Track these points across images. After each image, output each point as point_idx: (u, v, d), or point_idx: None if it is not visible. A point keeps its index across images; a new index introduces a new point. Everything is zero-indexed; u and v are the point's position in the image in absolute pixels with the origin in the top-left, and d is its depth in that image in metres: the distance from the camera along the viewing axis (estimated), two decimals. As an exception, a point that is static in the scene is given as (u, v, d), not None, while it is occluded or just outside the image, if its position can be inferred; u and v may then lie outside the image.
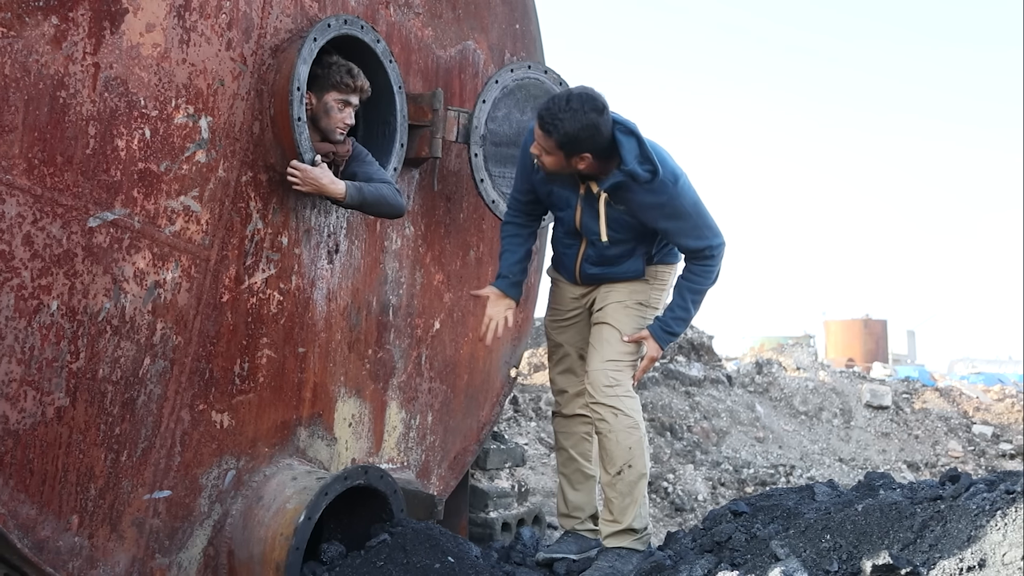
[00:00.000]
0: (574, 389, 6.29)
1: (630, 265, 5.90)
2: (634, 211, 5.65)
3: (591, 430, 6.23)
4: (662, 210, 5.61)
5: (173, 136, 4.97)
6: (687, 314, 5.80)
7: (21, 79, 4.32)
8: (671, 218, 5.63)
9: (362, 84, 5.65)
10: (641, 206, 5.63)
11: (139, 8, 4.77)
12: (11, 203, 4.30)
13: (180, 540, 5.19)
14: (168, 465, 5.08)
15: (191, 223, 5.08)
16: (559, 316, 6.31)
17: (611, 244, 5.80)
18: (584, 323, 6.19)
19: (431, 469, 6.80)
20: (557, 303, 6.32)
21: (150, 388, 4.95)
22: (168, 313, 5.00)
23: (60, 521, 4.61)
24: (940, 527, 4.78)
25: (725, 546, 5.62)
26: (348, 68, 5.61)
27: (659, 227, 5.73)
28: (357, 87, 5.62)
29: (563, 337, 6.31)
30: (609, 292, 5.93)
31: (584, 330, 6.20)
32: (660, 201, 5.59)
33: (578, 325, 6.24)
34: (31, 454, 4.46)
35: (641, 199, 5.60)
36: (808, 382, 16.40)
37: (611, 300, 5.91)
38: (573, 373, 6.31)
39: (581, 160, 5.47)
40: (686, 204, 5.63)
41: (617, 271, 5.92)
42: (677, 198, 5.61)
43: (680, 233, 5.71)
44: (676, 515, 11.69)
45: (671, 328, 5.80)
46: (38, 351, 4.46)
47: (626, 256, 5.89)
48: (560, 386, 6.38)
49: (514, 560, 6.47)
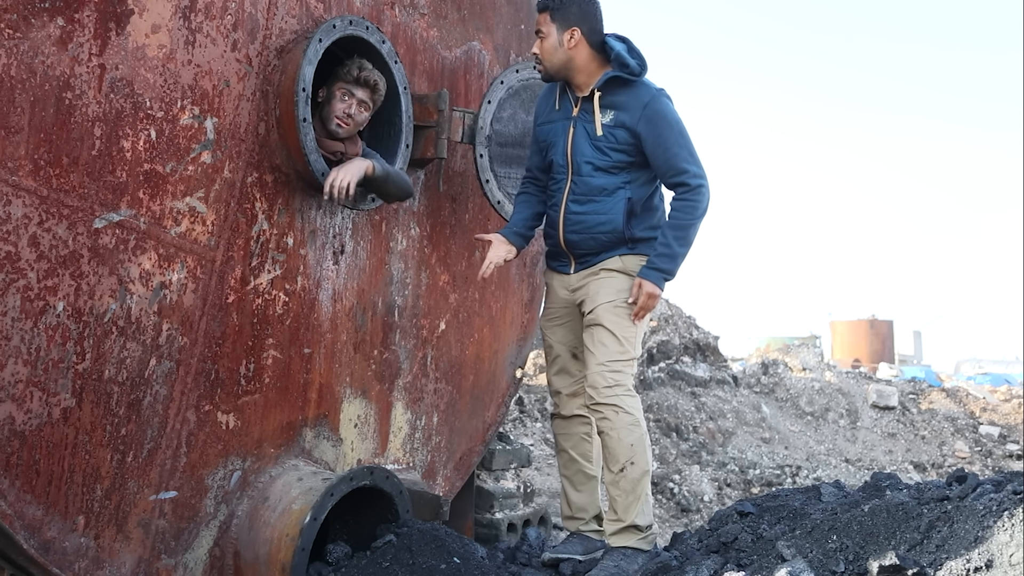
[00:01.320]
0: (569, 390, 6.34)
1: (612, 212, 5.93)
2: (621, 117, 5.88)
3: (590, 430, 6.30)
4: (645, 111, 5.85)
5: (179, 137, 4.97)
6: (669, 250, 5.80)
7: (27, 80, 4.32)
8: (653, 122, 5.83)
9: (367, 76, 5.66)
10: (627, 106, 5.89)
11: (144, 9, 4.76)
12: (17, 204, 4.30)
13: (186, 541, 5.19)
14: (174, 466, 5.08)
15: (197, 224, 5.08)
16: (550, 315, 6.37)
17: (596, 170, 5.95)
18: (574, 322, 6.23)
19: (437, 470, 6.80)
20: (549, 302, 6.40)
21: (156, 389, 4.95)
22: (174, 314, 5.00)
23: (66, 522, 4.61)
24: (947, 528, 4.78)
25: (731, 546, 5.63)
26: (359, 63, 5.66)
27: (641, 133, 5.85)
28: (362, 79, 5.64)
29: (555, 337, 6.35)
30: (598, 292, 5.94)
31: (574, 329, 6.25)
32: (644, 100, 5.86)
33: (569, 324, 6.28)
34: (37, 455, 4.46)
35: (627, 99, 5.89)
36: (814, 383, 16.42)
37: (601, 301, 5.91)
38: (567, 373, 6.35)
39: (572, 37, 5.87)
40: (668, 113, 5.89)
41: (600, 219, 5.94)
42: (660, 101, 5.89)
43: (660, 147, 5.84)
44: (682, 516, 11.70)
45: (656, 264, 5.81)
46: (44, 352, 4.46)
47: (608, 192, 5.94)
48: (556, 387, 6.41)
49: (520, 561, 6.47)
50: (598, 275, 5.99)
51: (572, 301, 6.17)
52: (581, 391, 6.22)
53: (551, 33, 5.90)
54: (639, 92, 5.91)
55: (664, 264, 5.80)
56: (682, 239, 5.82)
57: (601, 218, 5.93)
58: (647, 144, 5.85)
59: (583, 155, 5.96)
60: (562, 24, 5.88)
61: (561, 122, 6.11)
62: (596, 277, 5.99)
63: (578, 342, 6.21)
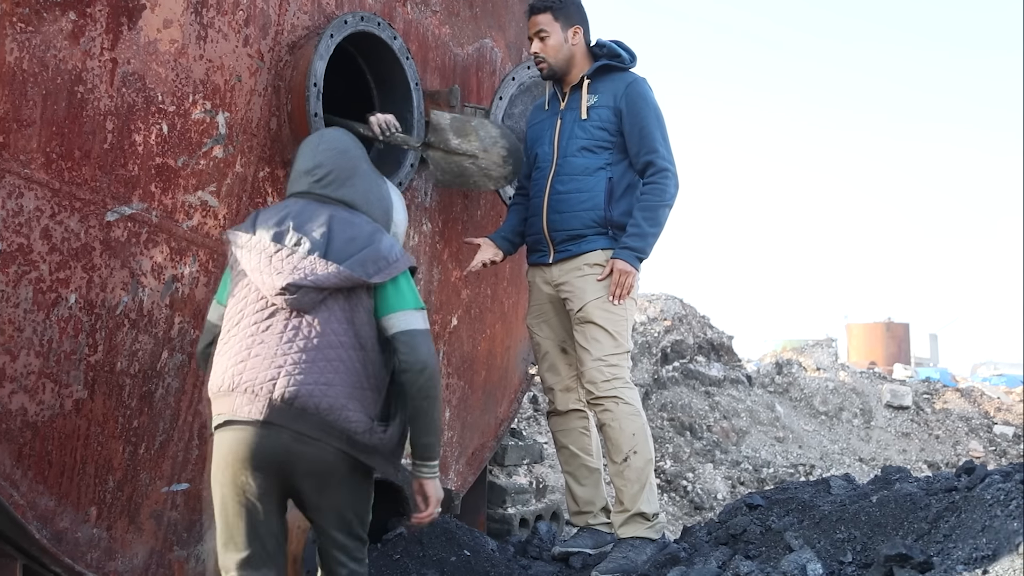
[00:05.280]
0: (561, 385, 6.42)
1: (594, 190, 6.06)
2: (605, 98, 6.15)
3: (588, 424, 6.43)
4: (627, 90, 6.13)
5: (191, 131, 5.00)
6: (639, 229, 5.91)
7: (39, 74, 4.34)
8: (633, 101, 6.10)
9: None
10: (611, 88, 6.16)
11: (156, 4, 4.79)
12: (29, 197, 4.33)
13: (198, 532, 5.22)
14: (186, 458, 5.12)
15: (208, 218, 5.11)
16: (535, 312, 6.47)
17: (579, 150, 6.10)
18: (559, 316, 6.33)
19: (449, 464, 6.82)
20: (532, 299, 6.49)
21: (168, 381, 4.99)
22: (186, 307, 5.03)
23: (79, 513, 4.64)
24: (954, 517, 4.80)
25: (740, 538, 5.65)
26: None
27: (622, 110, 6.08)
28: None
29: (542, 333, 6.45)
30: (584, 289, 6.03)
31: (556, 324, 6.37)
32: (628, 81, 6.16)
33: (552, 320, 6.38)
34: (50, 446, 4.49)
35: (612, 83, 6.18)
36: (828, 382, 16.40)
37: (589, 298, 5.99)
38: (556, 370, 6.44)
39: (575, 34, 6.20)
40: (649, 96, 6.15)
41: (582, 197, 6.05)
42: (642, 84, 6.18)
43: (637, 125, 6.05)
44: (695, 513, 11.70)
45: (626, 244, 5.93)
46: (56, 344, 4.48)
47: (590, 172, 6.08)
48: (549, 383, 6.50)
49: (531, 554, 6.50)
50: (581, 270, 6.06)
51: (555, 296, 6.26)
52: (574, 386, 6.34)
53: (555, 31, 6.16)
54: (624, 76, 6.22)
55: (634, 243, 5.91)
56: (651, 220, 5.93)
57: (583, 196, 6.04)
58: (626, 121, 6.05)
59: (568, 137, 6.13)
60: (565, 22, 6.18)
61: (548, 119, 6.33)
62: (580, 273, 6.07)
63: (565, 336, 6.32)
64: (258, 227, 4.20)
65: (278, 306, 4.07)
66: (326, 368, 4.00)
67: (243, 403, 3.96)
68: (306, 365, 3.97)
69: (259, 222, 4.23)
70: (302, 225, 4.16)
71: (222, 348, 4.15)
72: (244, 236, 4.19)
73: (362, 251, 4.14)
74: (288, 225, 4.16)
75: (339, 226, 4.20)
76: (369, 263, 4.12)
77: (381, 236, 4.27)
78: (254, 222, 4.25)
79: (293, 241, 4.11)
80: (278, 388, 3.93)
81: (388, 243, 4.26)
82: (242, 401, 3.97)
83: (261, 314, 4.08)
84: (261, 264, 4.09)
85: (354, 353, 4.08)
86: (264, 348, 4.01)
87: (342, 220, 4.24)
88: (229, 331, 4.15)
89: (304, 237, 4.12)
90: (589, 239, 6.04)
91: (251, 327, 4.07)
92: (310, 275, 4.02)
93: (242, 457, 3.96)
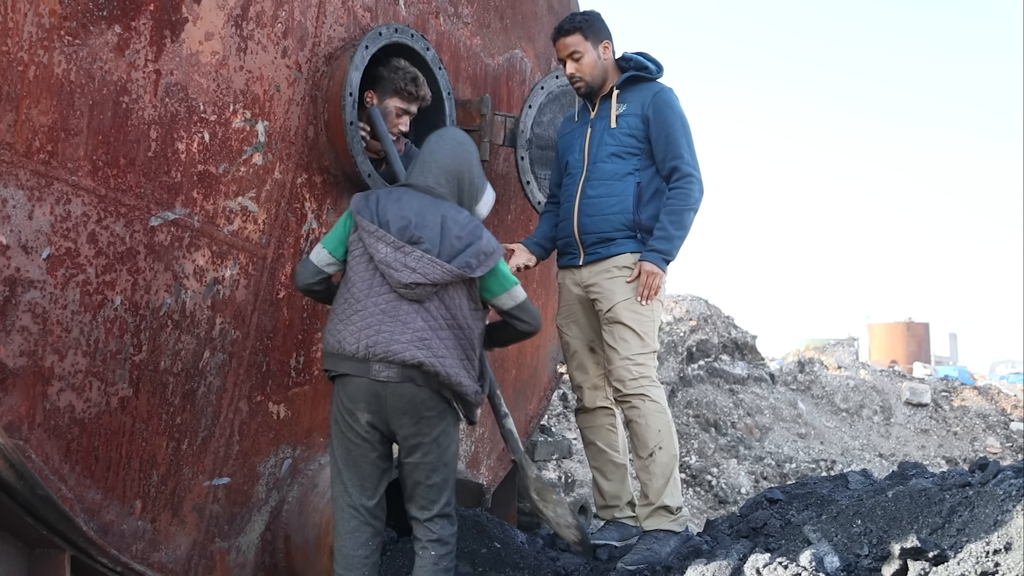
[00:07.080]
0: (590, 383, 6.54)
1: (623, 194, 6.16)
2: (633, 106, 6.26)
3: (615, 421, 6.56)
4: (655, 98, 6.23)
5: (231, 139, 5.13)
6: (666, 232, 6.01)
7: (86, 85, 4.46)
8: (660, 109, 6.20)
9: (424, 93, 5.89)
10: (639, 97, 6.27)
11: (198, 17, 4.92)
12: (76, 203, 4.45)
13: (239, 525, 5.36)
14: (227, 453, 5.26)
15: (248, 223, 5.25)
16: (564, 312, 6.58)
17: (609, 156, 6.22)
18: (588, 317, 6.45)
19: (480, 460, 6.97)
20: (562, 301, 6.60)
21: (210, 380, 5.13)
22: (227, 308, 5.17)
23: (124, 506, 4.77)
24: (968, 512, 4.88)
25: (760, 531, 5.76)
26: (414, 76, 5.85)
27: (650, 117, 6.18)
28: (420, 96, 5.85)
29: (571, 333, 6.56)
30: (613, 291, 6.12)
31: (589, 324, 6.48)
32: (655, 90, 6.27)
33: (581, 320, 6.50)
34: (96, 442, 4.63)
35: (640, 92, 6.29)
36: (849, 380, 16.45)
37: (618, 299, 6.09)
38: (584, 368, 6.56)
39: (606, 49, 6.33)
40: (675, 105, 6.26)
41: (611, 201, 6.16)
42: (669, 94, 6.28)
43: (664, 131, 6.14)
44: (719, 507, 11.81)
45: (653, 246, 6.03)
46: (102, 344, 4.61)
47: (619, 177, 6.19)
48: (577, 381, 6.61)
49: (559, 547, 6.61)
50: (610, 272, 6.17)
51: (584, 297, 6.37)
52: (602, 383, 6.47)
53: (587, 50, 6.27)
54: (652, 86, 6.33)
55: (661, 246, 6.00)
56: (677, 223, 6.02)
57: (612, 200, 6.14)
58: (653, 128, 6.15)
59: (598, 144, 6.24)
60: (595, 39, 6.30)
61: (578, 128, 6.44)
62: (609, 275, 6.17)
63: (594, 336, 6.43)
64: (381, 215, 4.91)
65: (402, 294, 4.81)
66: (440, 346, 4.83)
67: (380, 368, 4.75)
68: (426, 342, 4.79)
69: (381, 210, 4.94)
70: (421, 224, 4.88)
71: (348, 315, 4.88)
72: (372, 225, 4.87)
73: (467, 248, 4.91)
74: (410, 222, 4.87)
75: (449, 224, 4.93)
76: (472, 258, 4.90)
77: (480, 232, 5.01)
78: (376, 208, 4.95)
79: (415, 239, 4.84)
80: (409, 358, 4.73)
81: (486, 238, 5.01)
82: (379, 368, 4.75)
83: (387, 297, 4.83)
84: (388, 257, 4.81)
85: (457, 332, 4.92)
86: (394, 326, 4.79)
87: (451, 219, 4.95)
88: (358, 301, 4.87)
89: (423, 237, 4.85)
90: (618, 242, 6.14)
91: (381, 307, 4.83)
92: (428, 275, 4.79)
93: (374, 409, 4.83)
